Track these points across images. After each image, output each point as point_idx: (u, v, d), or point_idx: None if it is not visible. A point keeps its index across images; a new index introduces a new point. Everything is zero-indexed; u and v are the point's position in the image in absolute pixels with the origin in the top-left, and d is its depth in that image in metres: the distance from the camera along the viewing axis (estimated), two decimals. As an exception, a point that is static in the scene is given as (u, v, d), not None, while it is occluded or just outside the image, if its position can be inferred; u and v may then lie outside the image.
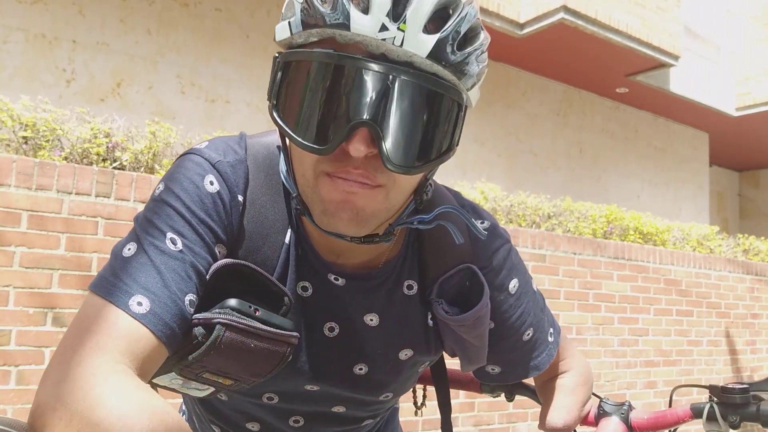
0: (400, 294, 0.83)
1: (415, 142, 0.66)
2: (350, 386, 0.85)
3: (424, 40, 0.63)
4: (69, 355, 0.58)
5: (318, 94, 0.65)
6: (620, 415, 0.95)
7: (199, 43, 5.20)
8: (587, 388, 0.98)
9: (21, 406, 2.40)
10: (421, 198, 0.76)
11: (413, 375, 0.92)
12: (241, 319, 0.67)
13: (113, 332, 0.60)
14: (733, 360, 5.31)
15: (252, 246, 0.76)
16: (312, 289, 0.80)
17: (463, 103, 0.69)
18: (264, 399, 0.85)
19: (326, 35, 0.65)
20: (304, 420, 0.89)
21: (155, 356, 0.63)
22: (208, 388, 0.74)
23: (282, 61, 0.68)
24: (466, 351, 0.87)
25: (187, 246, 0.68)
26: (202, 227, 0.70)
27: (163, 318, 0.63)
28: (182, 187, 0.71)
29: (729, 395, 0.88)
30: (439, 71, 0.65)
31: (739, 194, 11.75)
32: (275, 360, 0.71)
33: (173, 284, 0.65)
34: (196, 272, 0.68)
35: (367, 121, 0.62)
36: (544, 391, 1.00)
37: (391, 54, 0.63)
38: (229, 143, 0.78)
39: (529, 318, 0.89)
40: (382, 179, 0.67)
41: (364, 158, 0.65)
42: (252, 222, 0.76)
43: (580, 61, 7.01)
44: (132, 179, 2.70)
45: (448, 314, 0.81)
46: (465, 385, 1.15)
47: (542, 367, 0.92)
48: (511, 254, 0.88)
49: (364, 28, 0.62)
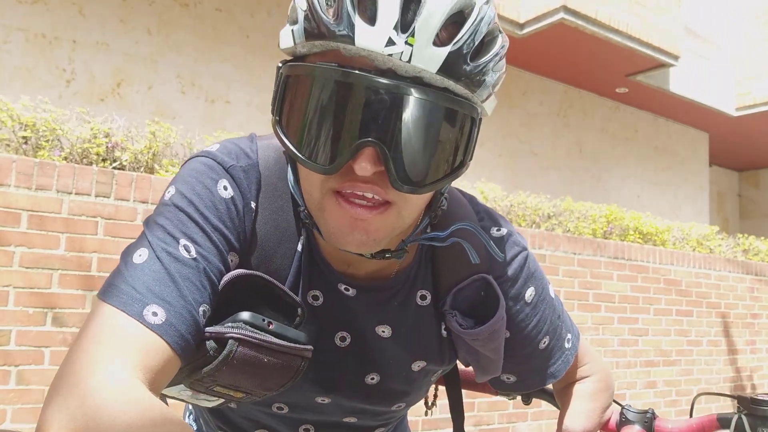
0: (413, 304, 0.81)
1: (425, 160, 0.62)
2: (362, 397, 0.83)
3: (434, 54, 0.59)
4: (78, 367, 0.55)
5: (322, 111, 0.61)
6: (643, 424, 0.92)
7: (199, 43, 5.20)
8: (608, 395, 0.94)
9: (21, 406, 2.40)
10: (435, 213, 0.74)
11: (426, 384, 0.89)
12: (254, 333, 0.65)
13: (126, 344, 0.57)
14: (733, 360, 5.31)
15: (264, 254, 0.73)
16: (323, 298, 0.78)
17: (477, 116, 0.65)
18: (274, 408, 0.83)
19: (330, 48, 0.62)
20: (314, 429, 0.87)
21: (169, 369, 0.60)
22: (218, 400, 0.71)
23: (284, 73, 0.65)
24: (480, 362, 0.84)
25: (201, 254, 0.65)
26: (216, 234, 0.67)
27: (179, 329, 0.60)
28: (195, 192, 0.68)
29: (759, 407, 0.85)
30: (450, 86, 0.61)
31: (739, 194, 11.75)
32: (289, 374, 0.68)
33: (188, 294, 0.62)
34: (210, 281, 0.65)
35: (373, 141, 0.59)
36: (562, 396, 0.96)
37: (399, 70, 0.59)
38: (241, 146, 0.75)
39: (546, 326, 0.86)
40: (392, 196, 0.64)
41: (373, 174, 0.61)
42: (264, 229, 0.73)
43: (580, 61, 7.01)
44: (132, 179, 2.70)
45: (462, 327, 0.78)
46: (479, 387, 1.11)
47: (558, 375, 0.88)
48: (528, 262, 0.85)
49: (370, 43, 0.58)
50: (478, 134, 0.66)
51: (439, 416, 3.47)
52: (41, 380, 2.45)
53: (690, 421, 0.91)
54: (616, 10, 6.28)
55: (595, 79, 7.51)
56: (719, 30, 8.79)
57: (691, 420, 0.91)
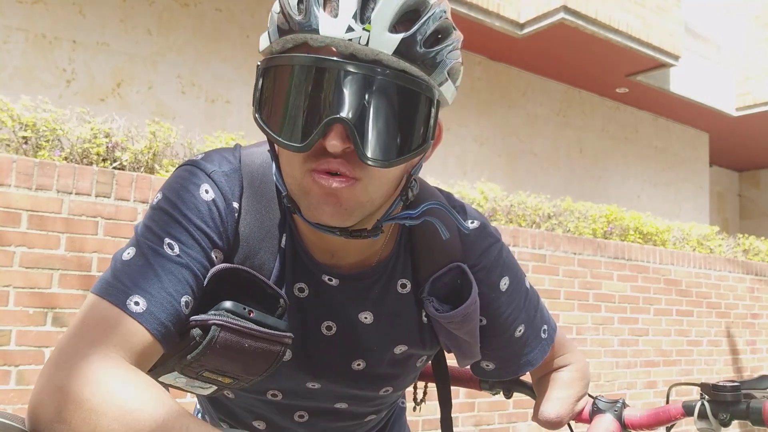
0: (394, 292, 0.86)
1: (388, 136, 0.68)
2: (350, 382, 0.88)
3: (390, 39, 0.66)
4: (65, 349, 0.62)
5: (294, 96, 0.68)
6: (614, 413, 0.96)
7: (199, 43, 5.20)
8: (583, 384, 1.00)
9: (21, 406, 2.41)
10: (406, 194, 0.78)
11: (412, 370, 0.93)
12: (235, 320, 0.71)
13: (109, 329, 0.64)
14: (734, 360, 5.31)
15: (249, 251, 0.79)
16: (308, 290, 0.83)
17: (434, 97, 0.71)
18: (268, 396, 0.88)
19: (299, 40, 0.69)
20: (308, 415, 0.92)
21: (150, 353, 0.67)
22: (211, 386, 0.76)
23: (262, 68, 0.72)
24: (459, 347, 0.89)
25: (184, 251, 0.72)
26: (198, 233, 0.74)
27: (159, 317, 0.67)
28: (178, 196, 0.75)
29: (720, 393, 0.88)
30: (407, 68, 0.68)
31: (739, 194, 11.75)
32: (270, 359, 0.73)
33: (170, 286, 0.69)
34: (193, 275, 0.71)
35: (340, 117, 0.65)
36: (540, 384, 1.02)
37: (359, 54, 0.66)
38: (224, 154, 0.82)
39: (521, 315, 0.91)
40: (360, 173, 0.69)
41: (343, 153, 0.67)
42: (248, 227, 0.79)
43: (581, 61, 7.01)
44: (132, 179, 2.70)
45: (438, 312, 0.84)
46: (465, 383, 1.16)
47: (535, 363, 0.94)
48: (502, 252, 0.90)
49: (332, 31, 0.65)
50: (437, 115, 0.73)
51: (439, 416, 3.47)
52: (41, 380, 2.45)
53: (657, 409, 0.95)
54: (616, 10, 6.28)
55: (595, 79, 7.51)
56: (719, 30, 8.79)
57: (658, 408, 0.95)
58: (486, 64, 7.00)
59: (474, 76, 6.88)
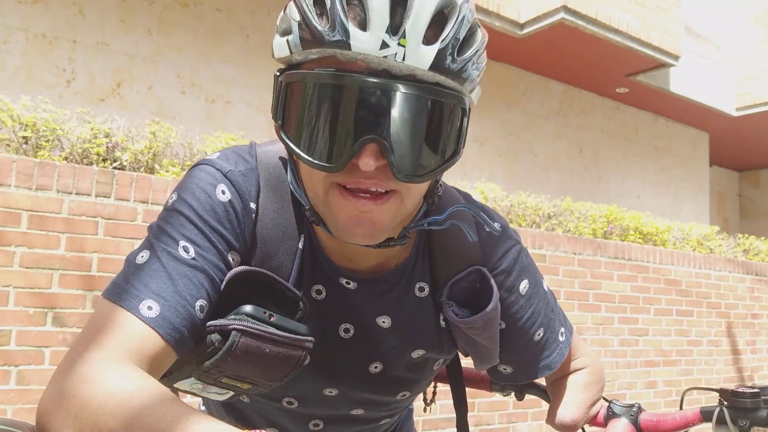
0: (412, 296, 0.84)
1: (423, 150, 0.66)
2: (367, 386, 0.86)
3: (425, 53, 0.63)
4: (76, 356, 0.60)
5: (324, 113, 0.65)
6: (629, 417, 0.95)
7: (199, 43, 5.20)
8: (598, 388, 0.98)
9: (21, 406, 2.40)
10: (433, 200, 0.77)
11: (429, 374, 0.92)
12: (256, 324, 0.69)
13: (121, 334, 0.62)
14: (734, 360, 5.31)
15: (266, 252, 0.77)
16: (326, 292, 0.81)
17: (466, 107, 0.70)
18: (284, 403, 0.86)
19: (326, 54, 0.65)
20: (323, 423, 0.90)
21: (163, 359, 0.64)
22: (228, 392, 0.75)
23: (284, 82, 0.69)
24: (478, 351, 0.87)
25: (200, 254, 0.69)
26: (215, 235, 0.71)
27: (173, 322, 0.64)
28: (194, 197, 0.72)
29: (739, 399, 0.86)
30: (441, 81, 0.66)
31: (740, 194, 11.75)
32: (291, 364, 0.72)
33: (184, 290, 0.66)
34: (209, 279, 0.69)
35: (375, 137, 0.63)
36: (554, 388, 1.00)
37: (393, 69, 0.64)
38: (240, 153, 0.79)
39: (540, 318, 0.90)
40: (394, 185, 0.68)
41: (375, 169, 0.65)
42: (265, 229, 0.77)
43: (581, 61, 7.01)
44: (132, 179, 2.70)
45: (458, 317, 0.82)
46: (476, 384, 1.15)
47: (553, 367, 0.92)
48: (522, 255, 0.89)
49: (365, 47, 0.62)
50: (468, 123, 0.71)
51: (440, 416, 3.47)
52: (41, 380, 2.45)
53: (674, 414, 0.93)
54: (616, 10, 6.28)
55: (595, 79, 7.51)
56: (719, 30, 8.79)
57: (675, 413, 0.94)
58: (486, 64, 7.00)
59: (474, 76, 6.87)
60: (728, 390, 0.88)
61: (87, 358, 0.59)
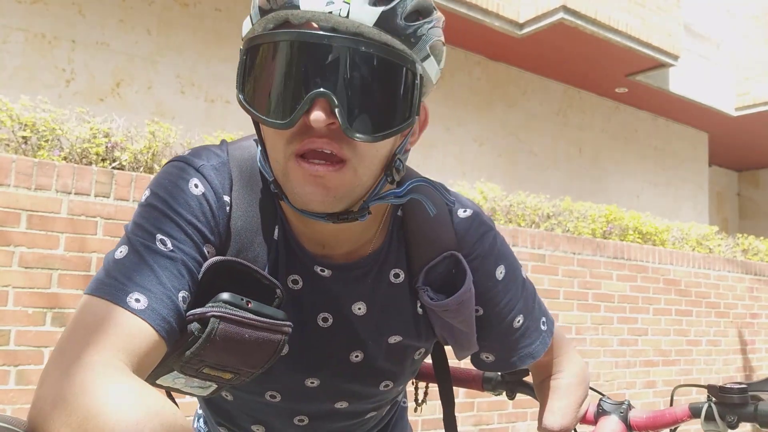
0: (386, 282, 0.85)
1: (372, 109, 0.68)
2: (349, 375, 0.87)
3: (370, 11, 0.66)
4: (67, 353, 0.59)
5: (276, 73, 0.68)
6: (619, 414, 0.96)
7: (199, 43, 5.20)
8: (583, 389, 0.98)
9: (21, 406, 2.41)
10: (392, 174, 0.77)
11: (410, 362, 0.92)
12: (234, 311, 0.69)
13: (111, 329, 0.61)
14: (733, 360, 5.31)
15: (241, 244, 0.78)
16: (302, 282, 0.82)
17: (416, 71, 0.70)
18: (267, 397, 0.87)
19: (281, 19, 0.69)
20: (308, 419, 0.90)
21: (153, 352, 0.64)
22: (210, 385, 0.75)
23: (244, 49, 0.72)
24: (455, 337, 0.88)
25: (177, 246, 0.70)
26: (190, 228, 0.72)
27: (161, 313, 0.65)
28: (168, 192, 0.73)
29: (727, 395, 0.88)
30: (388, 40, 0.68)
31: (739, 194, 11.76)
32: (270, 349, 0.72)
33: (167, 281, 0.67)
34: (187, 270, 0.70)
35: (323, 91, 0.65)
36: (540, 390, 1.01)
37: (340, 26, 0.66)
38: (211, 149, 0.81)
39: (519, 304, 0.90)
40: (347, 152, 0.68)
41: (327, 130, 0.67)
42: (240, 221, 0.78)
43: (580, 61, 7.01)
44: (131, 179, 2.70)
45: (433, 300, 0.83)
46: (467, 383, 1.15)
47: (537, 355, 0.92)
48: (497, 241, 0.89)
49: (312, 5, 0.66)
50: (422, 91, 0.73)
51: (439, 416, 3.47)
52: (41, 380, 2.45)
53: (664, 411, 0.94)
54: (615, 10, 6.28)
55: (594, 79, 7.51)
56: (719, 30, 8.79)
57: (664, 410, 0.94)
58: (485, 64, 7.00)
59: (474, 76, 6.88)
60: (716, 386, 0.89)
61: (81, 359, 0.57)
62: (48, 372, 0.59)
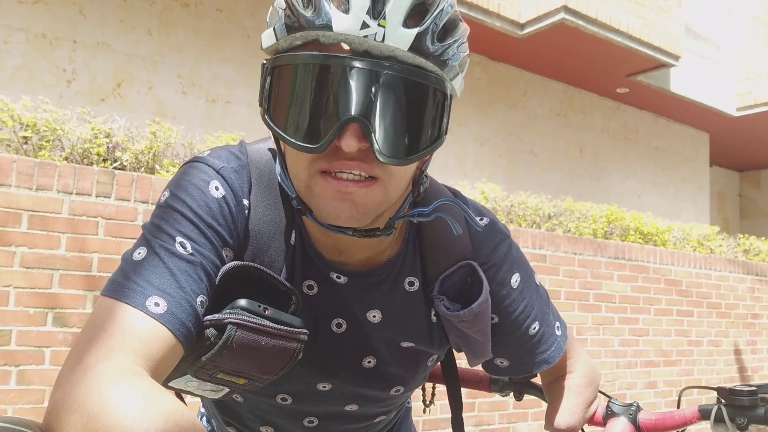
0: (401, 290, 0.84)
1: (405, 132, 0.67)
2: (361, 380, 0.86)
3: (405, 34, 0.65)
4: (84, 357, 0.58)
5: (307, 95, 0.67)
6: (628, 416, 0.95)
7: (199, 43, 5.20)
8: (593, 389, 0.98)
9: (21, 406, 2.41)
10: (418, 190, 0.77)
11: (422, 369, 0.92)
12: (251, 318, 0.69)
13: (129, 333, 0.60)
14: (734, 360, 5.31)
15: (258, 248, 0.77)
16: (317, 287, 0.82)
17: (447, 92, 0.71)
18: (278, 399, 0.86)
19: (310, 38, 0.67)
20: (318, 420, 0.90)
21: (171, 356, 0.63)
22: (223, 389, 0.75)
23: (270, 67, 0.70)
24: (470, 345, 0.88)
25: (197, 249, 0.69)
26: (210, 231, 0.71)
27: (180, 318, 0.64)
28: (188, 193, 0.72)
29: (737, 397, 0.87)
30: (421, 63, 0.67)
31: (740, 194, 11.75)
32: (286, 357, 0.72)
33: (186, 285, 0.66)
34: (206, 274, 0.69)
35: (357, 117, 0.64)
36: (549, 391, 1.00)
37: (374, 50, 0.65)
38: (231, 150, 0.80)
39: (534, 312, 0.90)
40: (378, 171, 0.68)
41: (358, 152, 0.66)
42: (258, 224, 0.77)
43: (581, 61, 7.01)
44: (132, 179, 2.70)
45: (449, 310, 0.83)
46: (474, 384, 1.15)
47: (552, 361, 0.92)
48: (512, 249, 0.89)
49: (346, 27, 0.64)
50: (450, 110, 0.72)
51: (440, 416, 3.47)
52: (42, 380, 2.46)
53: (672, 412, 0.94)
54: (616, 10, 6.28)
55: (595, 79, 7.51)
56: (719, 30, 8.79)
57: (673, 412, 0.94)
58: (486, 64, 7.00)
59: (474, 76, 6.88)
60: (726, 388, 0.89)
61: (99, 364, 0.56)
62: (64, 375, 0.58)
